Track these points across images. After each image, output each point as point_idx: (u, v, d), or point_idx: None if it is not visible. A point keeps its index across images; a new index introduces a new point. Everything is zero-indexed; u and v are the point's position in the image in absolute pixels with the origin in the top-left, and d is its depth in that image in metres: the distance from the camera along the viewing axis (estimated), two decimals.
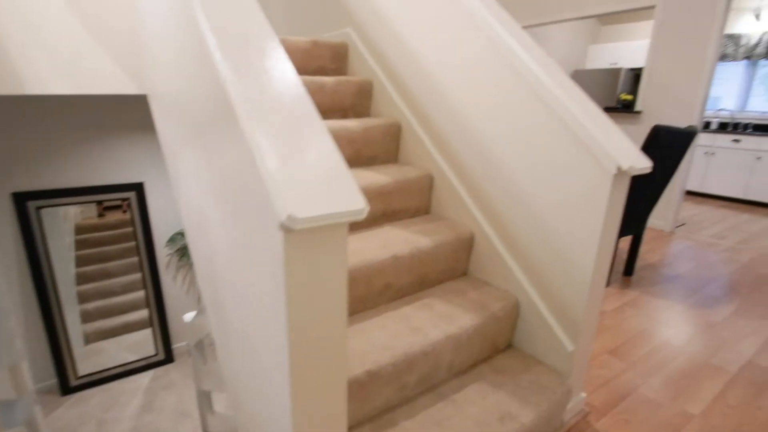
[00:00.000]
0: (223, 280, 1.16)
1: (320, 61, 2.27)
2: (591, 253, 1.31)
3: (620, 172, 1.22)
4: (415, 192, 1.84)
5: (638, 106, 3.98)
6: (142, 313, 3.92)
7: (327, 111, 2.06)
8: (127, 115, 3.51)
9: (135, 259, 3.84)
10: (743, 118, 5.66)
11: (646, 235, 3.79)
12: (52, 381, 3.64)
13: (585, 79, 6.28)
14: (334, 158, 0.74)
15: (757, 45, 5.35)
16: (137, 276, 3.87)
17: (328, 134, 0.78)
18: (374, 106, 2.18)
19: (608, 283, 2.67)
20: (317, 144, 0.75)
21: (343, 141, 1.86)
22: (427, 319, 1.40)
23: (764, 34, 5.27)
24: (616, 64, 6.37)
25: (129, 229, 3.78)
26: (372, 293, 1.45)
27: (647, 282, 2.76)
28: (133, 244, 3.80)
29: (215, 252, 1.18)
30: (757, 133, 5.08)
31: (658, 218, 4.00)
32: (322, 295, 0.74)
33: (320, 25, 2.54)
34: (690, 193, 5.75)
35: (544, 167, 1.41)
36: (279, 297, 0.71)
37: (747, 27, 5.47)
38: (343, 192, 0.67)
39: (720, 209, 5.01)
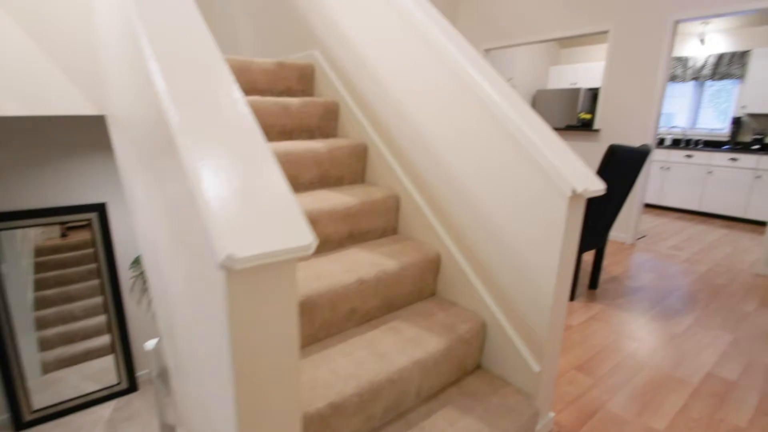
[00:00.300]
0: (176, 311, 1.09)
1: (287, 83, 2.23)
2: (551, 273, 1.30)
3: (575, 195, 1.22)
4: (381, 213, 1.81)
5: (596, 125, 4.11)
6: (105, 339, 3.70)
7: (293, 132, 2.02)
8: (90, 135, 3.37)
9: (97, 281, 3.64)
10: (694, 134, 5.94)
11: (610, 248, 3.88)
12: (3, 416, 3.37)
13: (547, 98, 6.47)
14: (281, 190, 0.70)
15: (703, 67, 5.66)
16: (99, 300, 3.67)
17: (275, 164, 0.74)
18: (341, 127, 2.16)
19: (574, 297, 2.69)
20: (264, 175, 0.70)
21: (309, 162, 1.82)
22: (394, 344, 1.35)
23: (709, 57, 5.59)
24: (575, 84, 6.60)
25: (92, 250, 3.60)
26: (337, 318, 1.39)
27: (611, 295, 2.80)
28: (95, 266, 3.61)
29: (167, 281, 1.11)
30: (707, 148, 5.33)
31: (620, 231, 4.11)
32: (269, 334, 0.68)
33: (288, 47, 2.51)
34: (649, 206, 5.96)
35: (505, 189, 1.40)
36: (223, 336, 0.66)
37: (693, 50, 5.79)
38: (290, 227, 0.63)
39: (677, 221, 5.20)
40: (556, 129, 4.45)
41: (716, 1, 3.32)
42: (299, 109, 2.01)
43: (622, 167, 2.38)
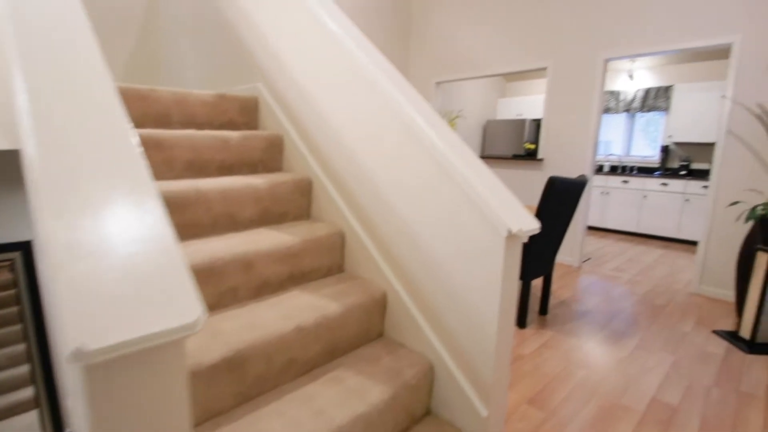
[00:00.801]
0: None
1: (228, 115, 2.13)
2: (493, 314, 1.25)
3: (511, 235, 1.19)
4: (325, 251, 1.71)
5: (540, 154, 4.25)
6: (28, 392, 3.30)
7: (233, 167, 1.91)
8: (10, 169, 3.08)
9: (20, 326, 3.26)
10: (629, 161, 6.30)
11: (558, 272, 3.95)
12: None
13: (496, 128, 6.70)
14: (165, 246, 0.59)
15: (633, 100, 6.06)
16: (23, 347, 3.28)
17: (161, 215, 0.63)
18: (286, 162, 2.07)
19: (525, 325, 2.68)
20: (144, 229, 0.60)
21: (248, 198, 1.70)
22: (335, 397, 1.24)
23: (638, 91, 6.00)
24: (521, 115, 6.89)
25: (14, 291, 3.23)
26: (272, 372, 1.27)
27: (561, 320, 2.81)
28: (17, 308, 3.24)
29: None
30: (641, 174, 5.66)
31: (567, 255, 4.21)
32: (148, 427, 0.56)
33: (234, 79, 2.42)
34: (592, 229, 6.21)
35: (447, 229, 1.36)
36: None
37: (624, 85, 6.21)
38: (173, 298, 0.53)
39: (619, 242, 5.43)
40: (504, 158, 4.57)
41: (640, 43, 3.57)
42: (240, 142, 1.91)
43: (562, 197, 2.43)
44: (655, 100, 5.84)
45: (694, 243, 5.35)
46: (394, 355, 1.48)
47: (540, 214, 2.42)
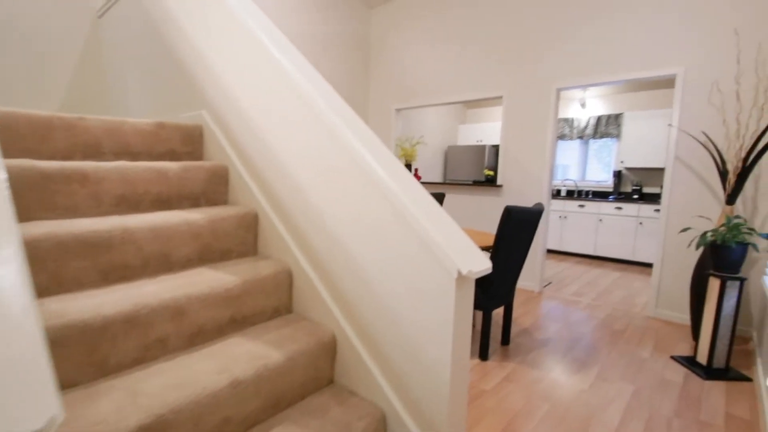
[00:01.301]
0: None
1: (169, 145, 2.00)
2: (446, 360, 1.18)
3: (461, 277, 1.14)
4: (271, 291, 1.60)
5: (499, 180, 4.31)
6: None
7: (171, 200, 1.77)
8: None
9: None
10: (585, 186, 6.54)
11: (520, 297, 3.95)
12: None
13: (457, 153, 6.81)
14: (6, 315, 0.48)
15: (585, 127, 6.35)
16: None
17: (17, 270, 0.52)
18: (232, 194, 1.95)
19: (488, 357, 2.62)
20: None
21: (184, 236, 1.57)
22: None
23: (590, 118, 6.29)
24: (481, 141, 7.06)
25: None
26: None
27: (523, 349, 2.77)
28: None
29: None
30: (597, 199, 5.86)
31: (528, 280, 4.23)
32: None
33: (177, 107, 2.30)
34: (552, 252, 6.33)
35: (398, 270, 1.29)
36: None
37: (577, 113, 6.50)
38: (15, 395, 0.42)
39: (578, 265, 5.55)
40: (465, 184, 4.62)
41: (590, 73, 3.73)
42: (179, 174, 1.78)
43: (519, 227, 2.43)
44: (607, 127, 6.13)
45: (648, 265, 5.54)
46: (343, 406, 1.37)
47: (498, 244, 2.40)
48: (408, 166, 5.19)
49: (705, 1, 3.17)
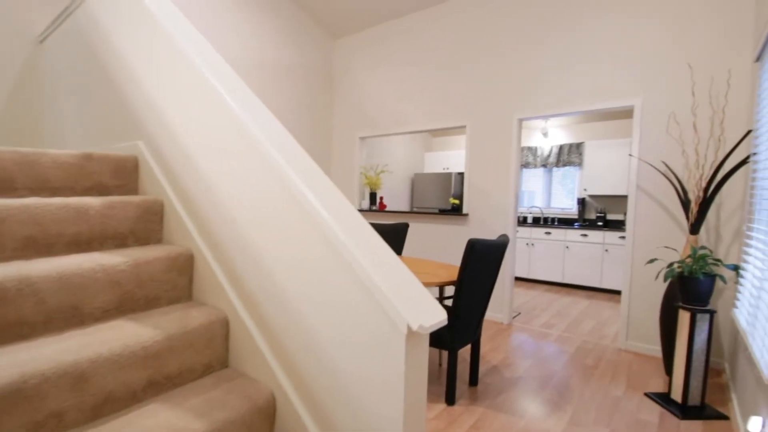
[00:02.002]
0: None
1: (97, 178, 1.81)
2: (397, 423, 1.02)
3: (411, 333, 1.00)
4: (203, 344, 1.40)
5: (465, 209, 4.26)
6: None
7: (92, 240, 1.57)
8: None
9: None
10: (550, 213, 6.61)
11: (489, 330, 3.83)
12: None
13: (424, 181, 6.79)
14: None
15: (549, 156, 6.47)
16: None
17: None
18: (167, 232, 1.76)
19: (455, 401, 2.45)
20: None
21: (100, 283, 1.37)
22: None
23: (553, 147, 6.43)
24: (447, 169, 7.08)
25: None
26: None
27: (492, 391, 2.63)
28: None
29: None
30: (562, 226, 5.91)
31: (497, 311, 4.13)
32: None
33: (113, 136, 2.11)
34: (520, 280, 6.30)
35: (342, 322, 1.14)
36: None
37: (540, 141, 6.64)
38: None
39: (546, 293, 5.51)
40: (430, 213, 4.54)
41: (551, 104, 3.78)
42: (103, 211, 1.59)
43: (484, 260, 2.33)
44: (569, 155, 6.27)
45: (616, 292, 5.57)
46: None
47: (462, 279, 2.28)
48: (373, 194, 5.09)
49: (659, 36, 3.28)
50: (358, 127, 5.17)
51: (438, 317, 1.04)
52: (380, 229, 3.66)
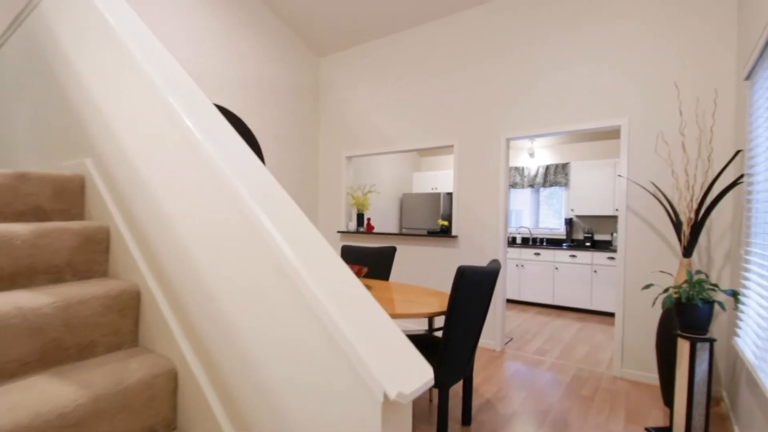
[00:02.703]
0: None
1: (34, 200, 1.55)
2: None
3: (390, 402, 0.77)
4: (141, 405, 1.14)
5: (454, 231, 4.06)
6: None
7: (18, 276, 1.31)
8: None
9: None
10: (539, 233, 6.46)
11: (481, 358, 3.59)
12: None
13: (412, 201, 6.61)
14: None
15: (536, 176, 6.36)
16: None
17: None
18: (113, 264, 1.51)
19: None
20: None
21: (18, 331, 1.11)
22: None
23: (539, 167, 6.32)
24: (436, 189, 6.91)
25: None
26: None
27: (486, 430, 2.37)
28: None
29: None
30: (551, 246, 5.75)
31: (489, 337, 3.89)
32: None
33: (59, 154, 1.87)
34: (512, 302, 6.09)
35: (304, 376, 0.90)
36: None
37: (527, 161, 6.53)
38: None
39: (538, 316, 5.30)
40: (419, 235, 4.32)
41: (538, 124, 3.65)
42: (32, 241, 1.33)
43: (475, 289, 2.11)
44: (555, 176, 6.16)
45: (607, 314, 5.39)
46: None
47: (452, 311, 2.06)
48: (360, 215, 4.87)
49: (645, 55, 3.18)
50: (344, 146, 4.99)
51: (422, 378, 0.81)
52: (366, 253, 3.43)
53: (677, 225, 2.87)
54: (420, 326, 4.46)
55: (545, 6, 3.61)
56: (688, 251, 2.79)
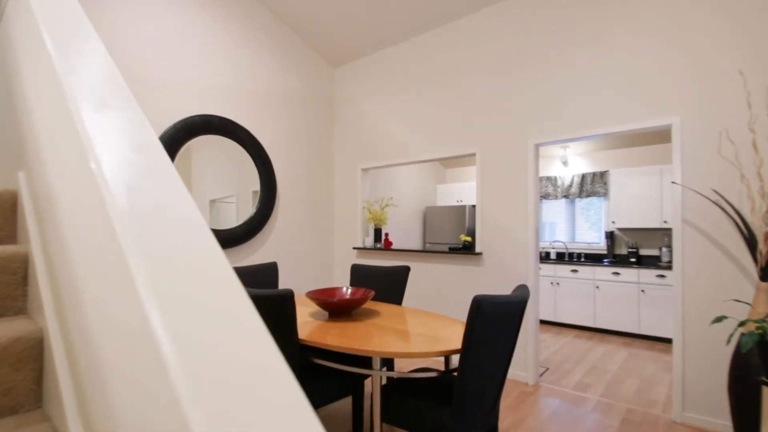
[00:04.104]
0: None
1: None
2: None
3: None
4: None
5: (478, 247, 3.60)
6: None
7: None
8: None
9: None
10: (575, 248, 5.84)
11: (511, 392, 3.08)
12: None
13: (436, 214, 6.18)
14: None
15: (570, 186, 5.78)
16: None
17: None
18: (31, 300, 1.20)
19: None
20: None
21: None
22: None
23: (574, 176, 5.74)
24: (461, 201, 6.45)
25: None
26: None
27: None
28: None
29: None
30: (589, 262, 5.14)
31: (519, 368, 3.38)
32: None
33: (4, 164, 1.61)
34: (546, 323, 5.48)
35: None
36: None
37: (560, 171, 5.97)
38: None
39: (576, 340, 4.69)
40: (439, 252, 3.89)
41: (568, 129, 3.17)
42: None
43: (496, 323, 1.67)
44: (593, 185, 5.57)
45: (658, 339, 4.70)
46: None
47: (467, 350, 1.62)
48: (378, 230, 4.49)
49: (700, 41, 2.66)
50: (360, 158, 4.66)
51: None
52: (377, 273, 3.04)
53: (751, 241, 2.31)
54: (435, 362, 3.98)
55: None
56: (766, 274, 2.22)
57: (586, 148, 5.71)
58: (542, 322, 5.52)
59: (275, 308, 1.83)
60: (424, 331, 2.08)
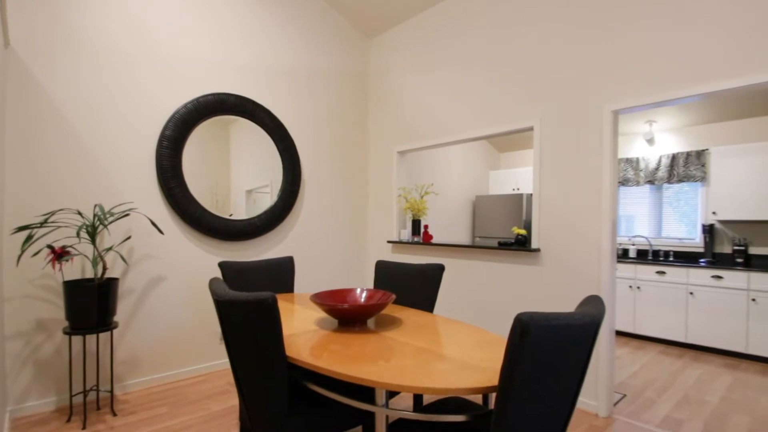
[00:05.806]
0: None
1: None
2: None
3: None
4: None
5: (534, 242, 3.06)
6: None
7: None
8: None
9: None
10: (661, 245, 5.02)
11: (576, 428, 2.54)
12: None
13: (488, 204, 5.61)
14: None
15: (657, 169, 4.95)
16: None
17: None
18: None
19: None
20: None
21: None
22: None
23: (662, 157, 4.92)
24: (518, 189, 5.82)
25: None
26: None
27: None
28: None
29: None
30: (681, 262, 4.35)
31: (588, 395, 2.81)
32: None
33: None
34: (622, 335, 4.76)
35: None
36: None
37: (643, 151, 5.15)
38: None
39: (662, 357, 3.97)
40: (488, 247, 3.38)
41: (657, 88, 2.52)
42: None
43: (552, 353, 1.19)
44: (686, 167, 4.72)
45: None
46: None
47: (507, 391, 1.17)
48: (416, 222, 4.06)
49: None
50: (396, 139, 4.24)
51: None
52: (405, 271, 2.62)
53: None
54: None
55: None
56: None
57: (677, 122, 4.85)
58: (618, 333, 4.80)
59: (251, 318, 1.48)
60: (455, 353, 1.63)
